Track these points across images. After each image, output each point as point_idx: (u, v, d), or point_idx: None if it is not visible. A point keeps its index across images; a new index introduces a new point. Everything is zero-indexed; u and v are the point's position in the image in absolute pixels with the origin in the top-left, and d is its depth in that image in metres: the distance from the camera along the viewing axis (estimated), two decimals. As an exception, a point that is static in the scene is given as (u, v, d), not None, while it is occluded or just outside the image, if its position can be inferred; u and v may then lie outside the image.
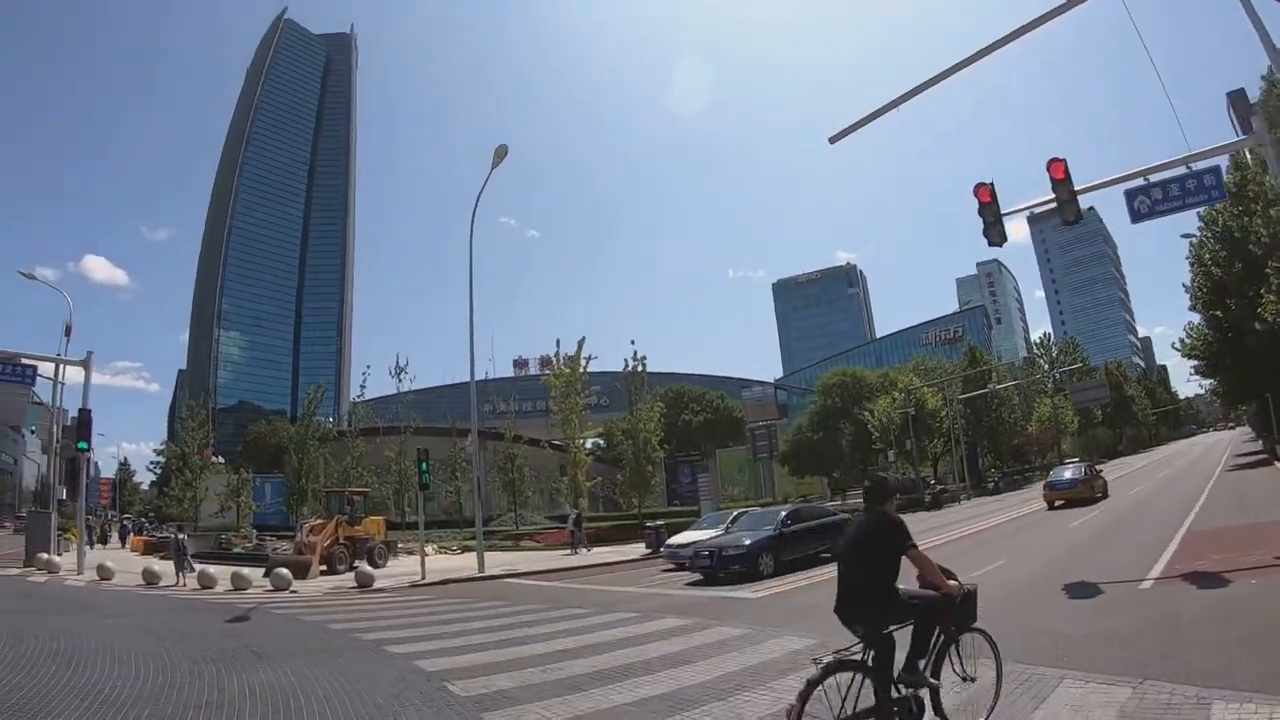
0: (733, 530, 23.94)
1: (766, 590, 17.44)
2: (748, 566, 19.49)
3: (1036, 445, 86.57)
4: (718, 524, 27.31)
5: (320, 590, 22.82)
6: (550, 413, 49.95)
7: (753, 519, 24.18)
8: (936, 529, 30.90)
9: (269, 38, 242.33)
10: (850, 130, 17.58)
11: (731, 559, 19.78)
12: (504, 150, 28.48)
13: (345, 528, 29.81)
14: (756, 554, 19.85)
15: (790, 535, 21.26)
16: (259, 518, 56.59)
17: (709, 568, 20.21)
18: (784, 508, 24.54)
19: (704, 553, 20.62)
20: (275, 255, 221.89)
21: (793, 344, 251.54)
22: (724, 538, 21.90)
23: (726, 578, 19.55)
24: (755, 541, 20.26)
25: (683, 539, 26.34)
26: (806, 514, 23.62)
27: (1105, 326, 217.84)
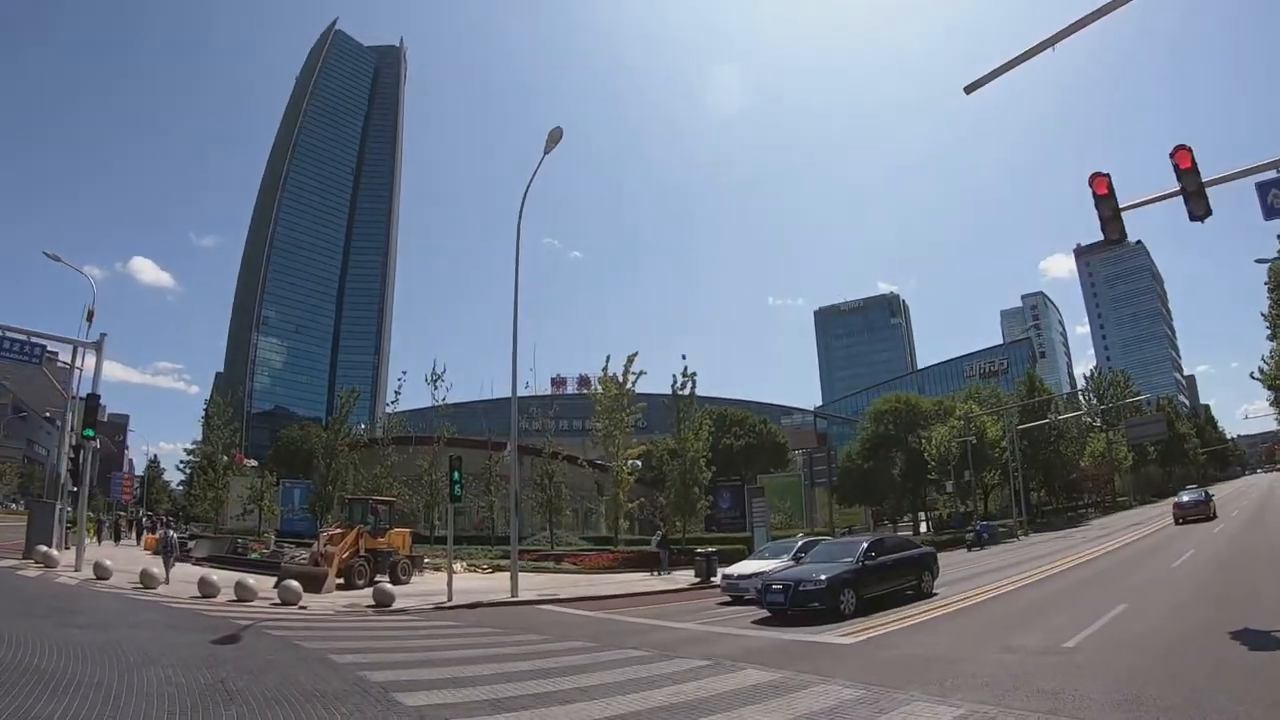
0: (804, 561, 21.04)
1: (856, 634, 14.74)
2: (828, 604, 17.02)
3: (1091, 481, 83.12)
4: (781, 553, 24.67)
5: (333, 607, 20.19)
6: (587, 432, 47.83)
7: (828, 549, 21.32)
8: (1011, 565, 27.98)
9: (319, 48, 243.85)
10: (989, 79, 15.12)
11: (809, 595, 17.21)
12: (558, 134, 25.93)
13: (367, 539, 27.16)
14: (838, 590, 17.30)
15: (874, 569, 18.75)
16: (286, 523, 54.63)
17: (781, 604, 17.70)
18: (865, 537, 21.76)
19: (776, 586, 18.03)
20: (317, 263, 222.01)
21: (833, 372, 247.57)
22: (797, 570, 19.07)
23: (801, 616, 17.07)
24: (836, 575, 17.63)
25: (743, 569, 23.81)
26: (891, 545, 20.97)
27: (1151, 363, 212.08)
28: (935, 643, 13.48)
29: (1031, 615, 16.34)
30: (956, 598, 19.44)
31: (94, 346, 28.68)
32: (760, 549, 26.87)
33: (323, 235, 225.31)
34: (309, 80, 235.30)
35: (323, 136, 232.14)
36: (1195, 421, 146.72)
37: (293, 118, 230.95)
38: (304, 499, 55.36)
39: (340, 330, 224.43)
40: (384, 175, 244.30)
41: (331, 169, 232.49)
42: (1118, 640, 12.55)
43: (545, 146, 26.05)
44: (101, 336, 28.98)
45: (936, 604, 18.52)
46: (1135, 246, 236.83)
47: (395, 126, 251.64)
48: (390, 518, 30.84)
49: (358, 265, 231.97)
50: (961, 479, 58.64)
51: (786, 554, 24.19)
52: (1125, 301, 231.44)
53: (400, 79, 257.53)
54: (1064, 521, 65.49)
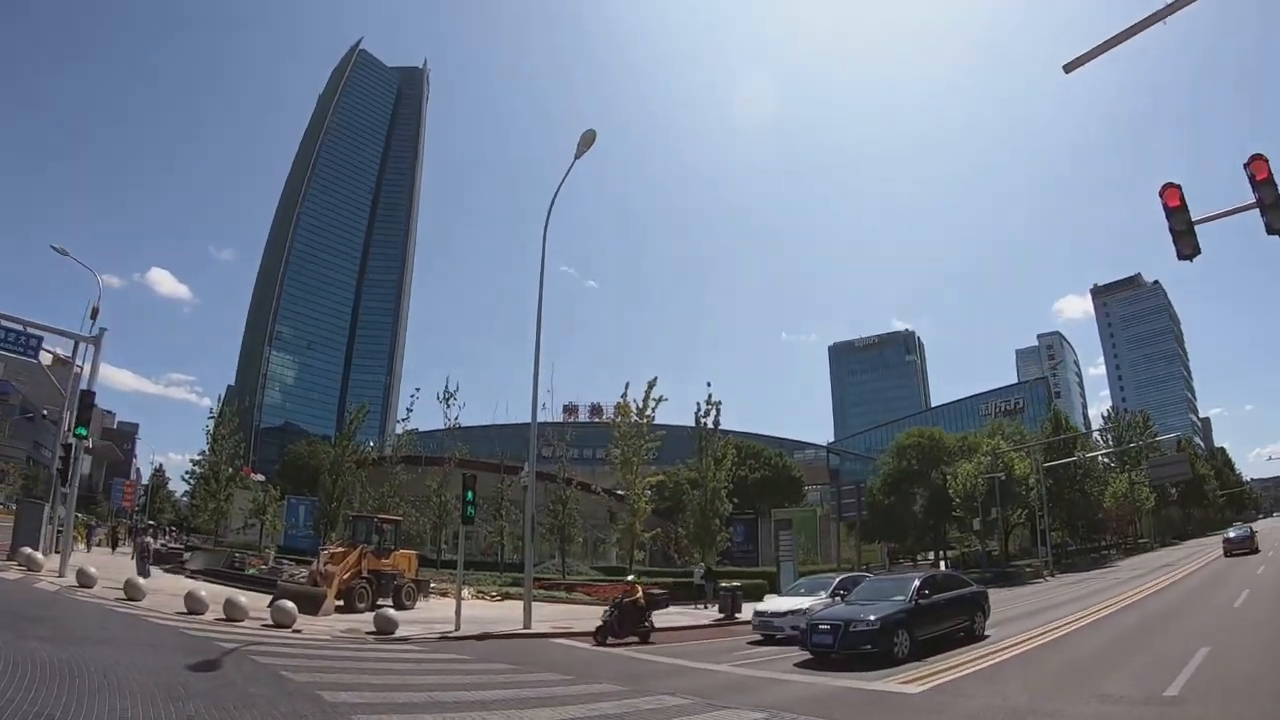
0: (848, 599, 19.16)
1: (919, 680, 13.12)
2: (880, 647, 15.39)
3: (1114, 522, 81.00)
4: (818, 590, 22.72)
5: (330, 632, 18.43)
6: (599, 461, 46.41)
7: (875, 587, 19.56)
8: (1053, 606, 26.07)
9: (343, 67, 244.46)
10: (1090, 57, 13.78)
11: (860, 636, 15.55)
12: (591, 137, 24.39)
13: (371, 559, 25.34)
14: (892, 631, 15.67)
15: (927, 609, 17.10)
16: (289, 539, 53.10)
17: (828, 646, 15.91)
18: (916, 574, 19.96)
19: (823, 626, 16.29)
20: (333, 281, 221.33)
21: (847, 408, 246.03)
22: (845, 609, 17.20)
23: (849, 660, 15.35)
24: (889, 616, 15.98)
25: (776, 606, 22.02)
26: (943, 583, 19.21)
27: (1167, 404, 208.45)
28: (1015, 692, 11.94)
29: (1110, 659, 14.86)
30: (1012, 640, 17.80)
31: (93, 341, 27.17)
32: (794, 584, 24.98)
33: (339, 253, 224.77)
34: (331, 99, 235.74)
35: (343, 155, 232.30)
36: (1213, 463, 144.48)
37: (314, 136, 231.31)
38: (309, 516, 53.96)
39: (353, 349, 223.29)
40: (403, 195, 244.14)
41: (351, 187, 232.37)
42: (1222, 688, 11.49)
43: (577, 149, 24.54)
44: (101, 332, 27.46)
45: (993, 647, 16.92)
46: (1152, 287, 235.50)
47: (416, 147, 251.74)
48: (396, 538, 28.99)
49: (373, 284, 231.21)
50: (988, 516, 56.57)
51: (824, 590, 22.37)
52: (1142, 342, 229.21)
53: (422, 100, 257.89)
54: (1088, 563, 63.97)
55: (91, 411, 25.19)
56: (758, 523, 64.04)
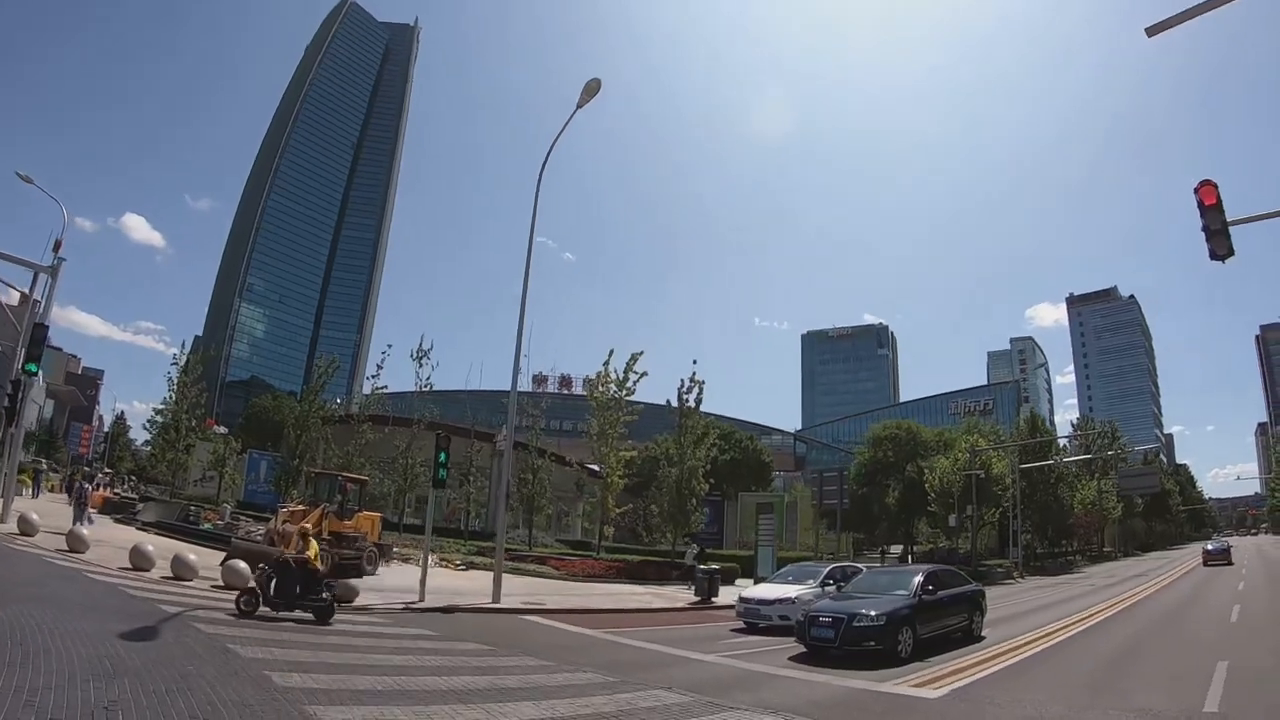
0: (847, 591, 18.08)
1: (932, 683, 12.18)
2: (884, 645, 14.41)
3: (1082, 529, 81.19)
4: (806, 578, 21.55)
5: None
6: (565, 433, 45.53)
7: (873, 580, 18.59)
8: (1039, 609, 25.32)
9: (332, 18, 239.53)
10: (1175, 22, 12.52)
11: (864, 633, 14.49)
12: (596, 86, 22.87)
13: (332, 521, 23.83)
14: (897, 628, 14.69)
15: (930, 605, 16.23)
16: (248, 495, 51.38)
17: (829, 641, 14.79)
18: (919, 568, 18.80)
19: (823, 619, 15.12)
20: (307, 235, 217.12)
21: (816, 397, 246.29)
22: (847, 603, 16.03)
23: (846, 656, 14.30)
24: (894, 612, 14.95)
25: (763, 593, 20.90)
26: (946, 579, 18.14)
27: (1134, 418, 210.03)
28: (1041, 699, 11.05)
29: (1125, 668, 14.03)
30: (1010, 644, 16.95)
31: (49, 272, 25.43)
32: (781, 571, 23.80)
33: (316, 208, 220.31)
34: (319, 51, 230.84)
35: (326, 108, 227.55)
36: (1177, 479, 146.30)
37: (298, 87, 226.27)
38: (270, 471, 52.24)
39: (324, 306, 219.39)
40: (384, 154, 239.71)
41: (332, 143, 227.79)
42: (1265, 704, 10.90)
43: (580, 98, 23.05)
44: (59, 262, 25.70)
45: (994, 649, 16.07)
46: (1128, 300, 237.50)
47: (401, 106, 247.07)
48: (360, 499, 27.55)
49: (349, 241, 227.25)
50: (964, 513, 55.88)
51: (812, 579, 21.27)
52: (1113, 354, 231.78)
53: (411, 58, 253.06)
54: (1057, 567, 64.33)
55: (44, 347, 23.49)
56: (724, 505, 63.30)
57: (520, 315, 23.84)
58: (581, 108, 23.26)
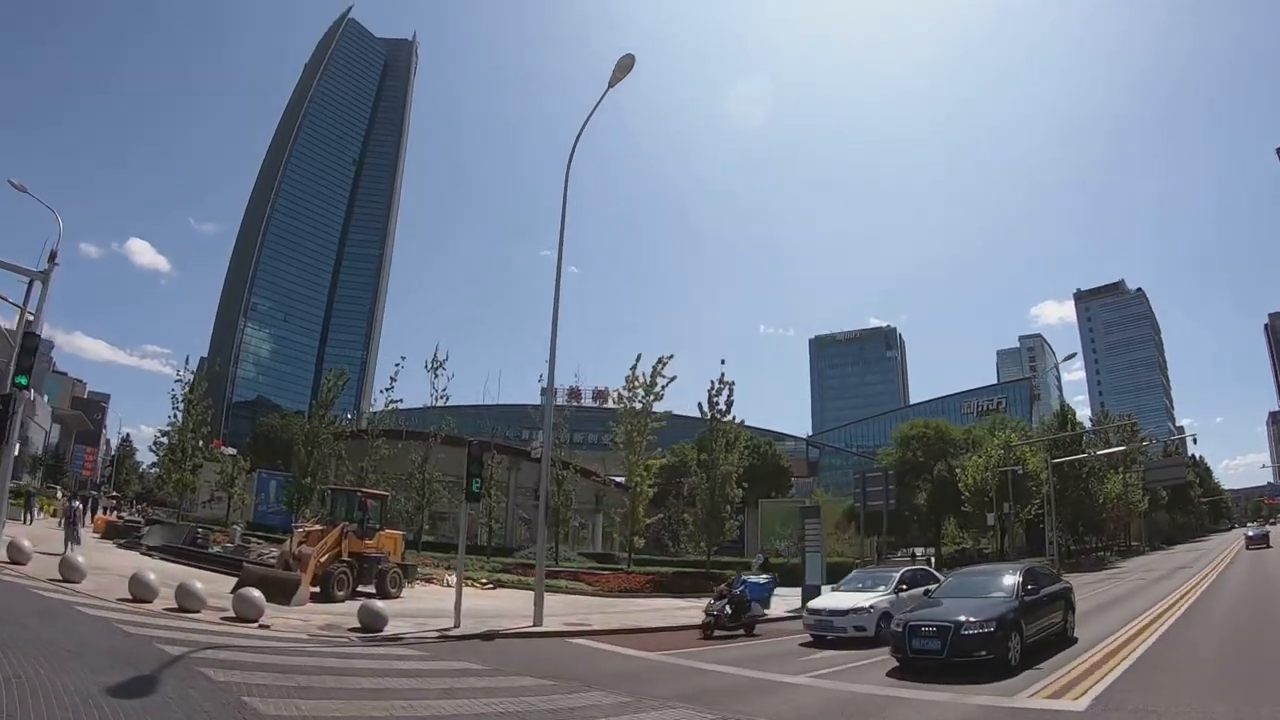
0: (937, 596, 16.12)
1: (1061, 693, 10.93)
2: (996, 653, 12.91)
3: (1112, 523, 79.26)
4: (878, 585, 19.75)
5: (305, 628, 15.13)
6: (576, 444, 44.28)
7: (963, 582, 16.69)
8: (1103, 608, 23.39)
9: (330, 35, 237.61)
10: None
11: (975, 641, 12.92)
12: (629, 63, 20.93)
13: (352, 541, 21.94)
14: (1007, 634, 13.18)
15: (1032, 607, 14.63)
16: (258, 515, 49.65)
17: (935, 652, 13.13)
18: (1015, 566, 16.93)
19: (926, 629, 13.46)
20: (311, 253, 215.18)
21: (826, 402, 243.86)
22: (942, 609, 14.26)
23: (953, 668, 12.76)
24: (1001, 616, 13.36)
25: (834, 603, 18.95)
26: (1041, 577, 16.51)
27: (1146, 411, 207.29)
28: (1196, 703, 9.94)
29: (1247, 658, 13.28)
30: (1108, 643, 15.48)
31: (40, 277, 23.55)
32: (849, 579, 21.84)
33: (319, 226, 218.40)
34: (318, 68, 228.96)
35: (327, 126, 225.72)
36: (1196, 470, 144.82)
37: (298, 105, 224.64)
38: (280, 491, 50.67)
39: (330, 324, 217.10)
40: (386, 169, 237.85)
41: (333, 159, 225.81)
42: None
43: (612, 76, 21.11)
44: (51, 266, 23.79)
45: (1097, 650, 14.67)
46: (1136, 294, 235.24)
47: (402, 121, 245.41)
48: (382, 516, 25.54)
49: (352, 258, 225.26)
50: (1003, 511, 53.92)
51: (884, 586, 19.49)
52: (1123, 349, 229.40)
53: (410, 73, 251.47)
54: (1091, 564, 62.50)
55: (35, 357, 21.51)
56: (744, 512, 61.54)
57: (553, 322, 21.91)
58: (614, 86, 21.38)
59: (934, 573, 22.58)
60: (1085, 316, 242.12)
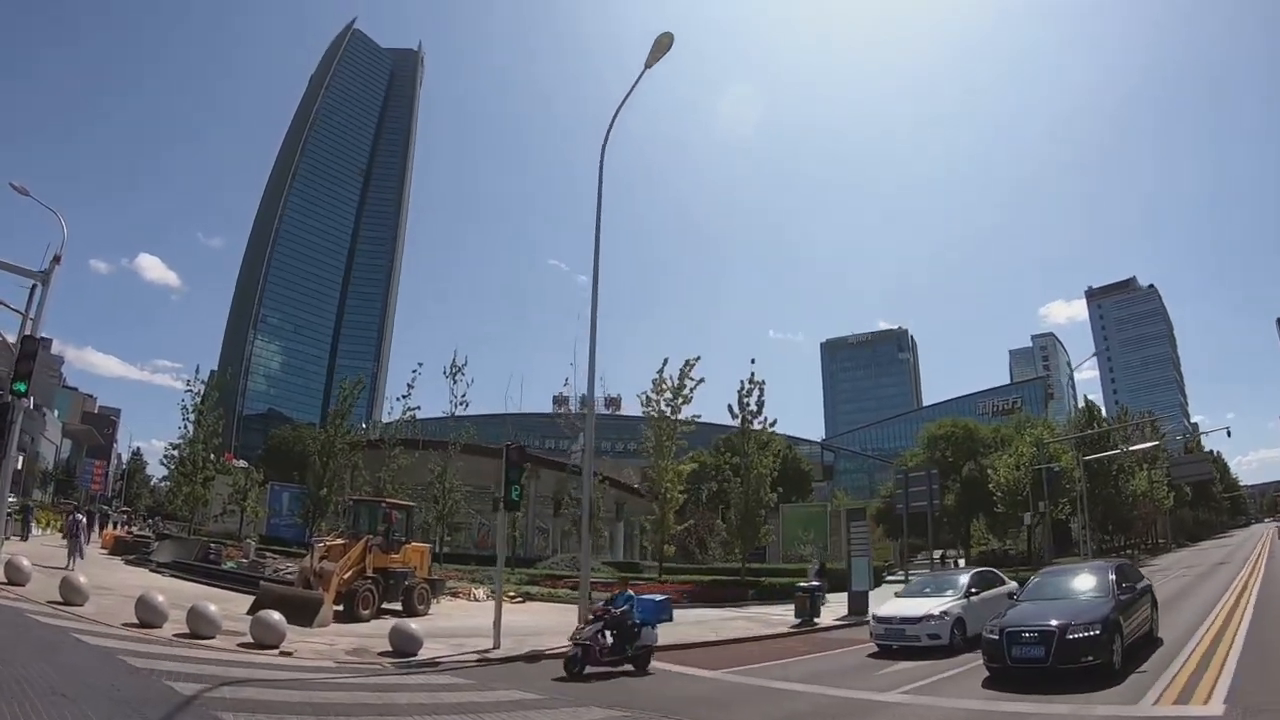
0: (1023, 598, 14.85)
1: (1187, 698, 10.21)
2: (1102, 658, 12.01)
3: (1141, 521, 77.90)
4: (945, 589, 18.48)
5: (331, 654, 13.60)
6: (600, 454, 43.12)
7: (1052, 583, 15.35)
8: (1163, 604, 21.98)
9: (336, 47, 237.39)
10: None
11: (1082, 646, 11.95)
12: (668, 41, 19.35)
13: (377, 555, 20.40)
14: (1110, 637, 12.24)
15: (1126, 606, 13.58)
16: (271, 529, 48.50)
17: (1037, 660, 12.12)
18: (1105, 564, 15.85)
19: (1028, 635, 12.43)
20: (320, 264, 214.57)
21: (838, 406, 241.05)
22: (1036, 610, 13.28)
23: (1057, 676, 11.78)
24: (1105, 618, 12.41)
25: (904, 609, 17.58)
26: (1130, 574, 15.57)
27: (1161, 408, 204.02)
28: None
29: None
30: (1195, 642, 14.59)
31: (40, 278, 22.18)
32: (913, 584, 20.59)
33: (328, 237, 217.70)
34: (324, 79, 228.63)
35: (334, 137, 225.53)
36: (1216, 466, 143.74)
37: (304, 117, 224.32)
38: (293, 504, 49.65)
39: (340, 336, 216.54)
40: (394, 179, 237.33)
41: (340, 170, 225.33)
42: None
43: (649, 57, 19.58)
44: (51, 266, 22.40)
45: (1189, 650, 13.83)
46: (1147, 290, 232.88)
47: (408, 131, 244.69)
48: (408, 528, 23.99)
49: (362, 269, 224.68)
50: (1036, 511, 52.42)
51: (952, 590, 18.16)
52: (1135, 346, 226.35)
53: (416, 83, 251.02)
54: None
55: (34, 362, 20.07)
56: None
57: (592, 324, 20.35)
58: (650, 67, 19.88)
59: (1000, 575, 21.22)
60: (1097, 314, 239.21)
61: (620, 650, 13.95)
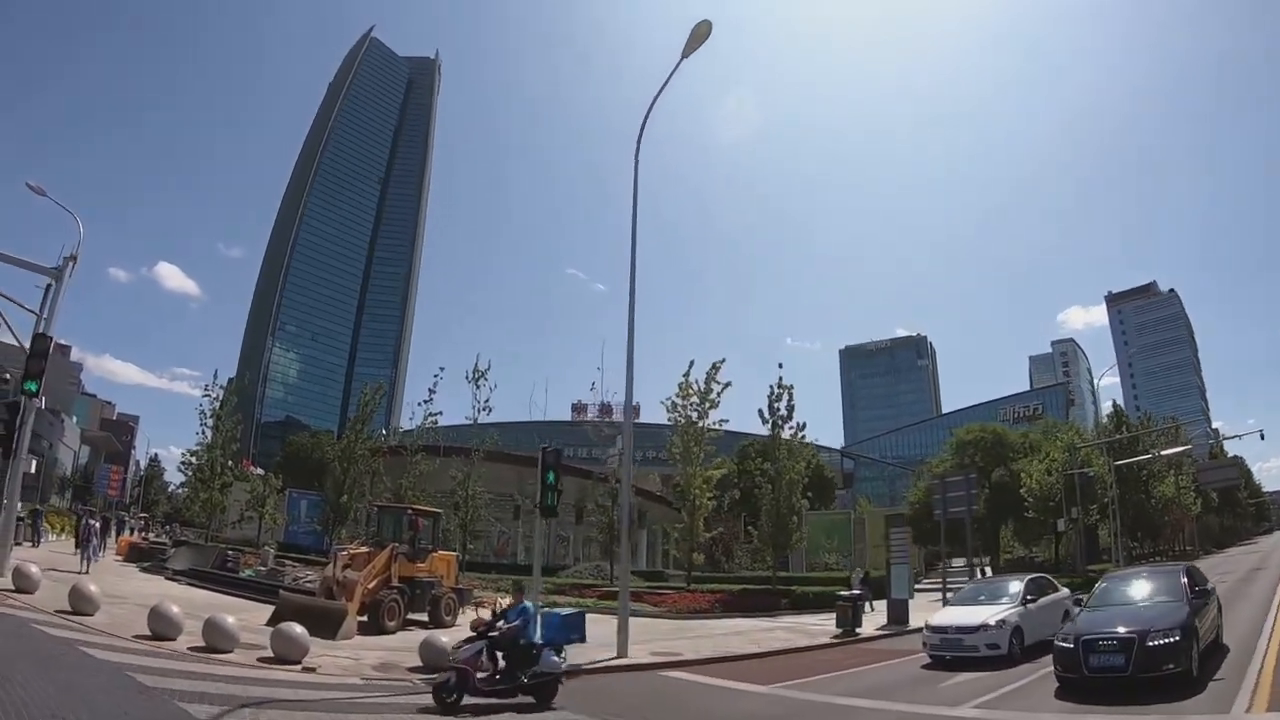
0: (1091, 605, 14.02)
1: None
2: (1182, 665, 11.48)
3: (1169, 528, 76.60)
4: (998, 596, 17.84)
5: (357, 669, 12.68)
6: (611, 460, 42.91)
7: (1118, 588, 14.73)
8: None
9: (353, 55, 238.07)
10: None
11: (1163, 654, 11.36)
12: (705, 30, 18.54)
13: (403, 564, 19.53)
14: (1189, 643, 11.75)
15: (1199, 611, 13.01)
16: (289, 536, 47.93)
17: (1116, 669, 11.51)
18: (1174, 568, 15.21)
19: (1105, 643, 11.79)
20: (338, 272, 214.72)
21: (858, 413, 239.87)
22: (1107, 616, 12.78)
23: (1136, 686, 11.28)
24: (1183, 624, 11.85)
25: (961, 618, 16.83)
26: (1198, 576, 14.89)
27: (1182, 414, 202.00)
28: None
29: None
30: (1261, 648, 13.99)
31: (53, 275, 21.46)
32: (965, 592, 19.67)
33: (346, 244, 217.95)
34: (341, 87, 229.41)
35: (351, 145, 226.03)
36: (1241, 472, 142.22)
37: (322, 125, 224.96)
38: (311, 511, 49.38)
39: (357, 344, 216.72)
40: (412, 187, 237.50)
41: (358, 178, 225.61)
42: None
43: (686, 46, 18.71)
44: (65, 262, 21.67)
45: (1261, 656, 13.23)
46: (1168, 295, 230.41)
47: (426, 139, 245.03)
48: (434, 536, 23.04)
49: (380, 276, 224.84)
50: (1070, 517, 51.22)
51: (1008, 598, 17.42)
52: (1156, 351, 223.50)
53: (434, 91, 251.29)
54: None
55: (46, 360, 19.31)
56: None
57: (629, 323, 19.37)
58: (688, 56, 19.02)
59: (1053, 581, 20.50)
60: (1118, 320, 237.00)
61: (512, 678, 11.21)
